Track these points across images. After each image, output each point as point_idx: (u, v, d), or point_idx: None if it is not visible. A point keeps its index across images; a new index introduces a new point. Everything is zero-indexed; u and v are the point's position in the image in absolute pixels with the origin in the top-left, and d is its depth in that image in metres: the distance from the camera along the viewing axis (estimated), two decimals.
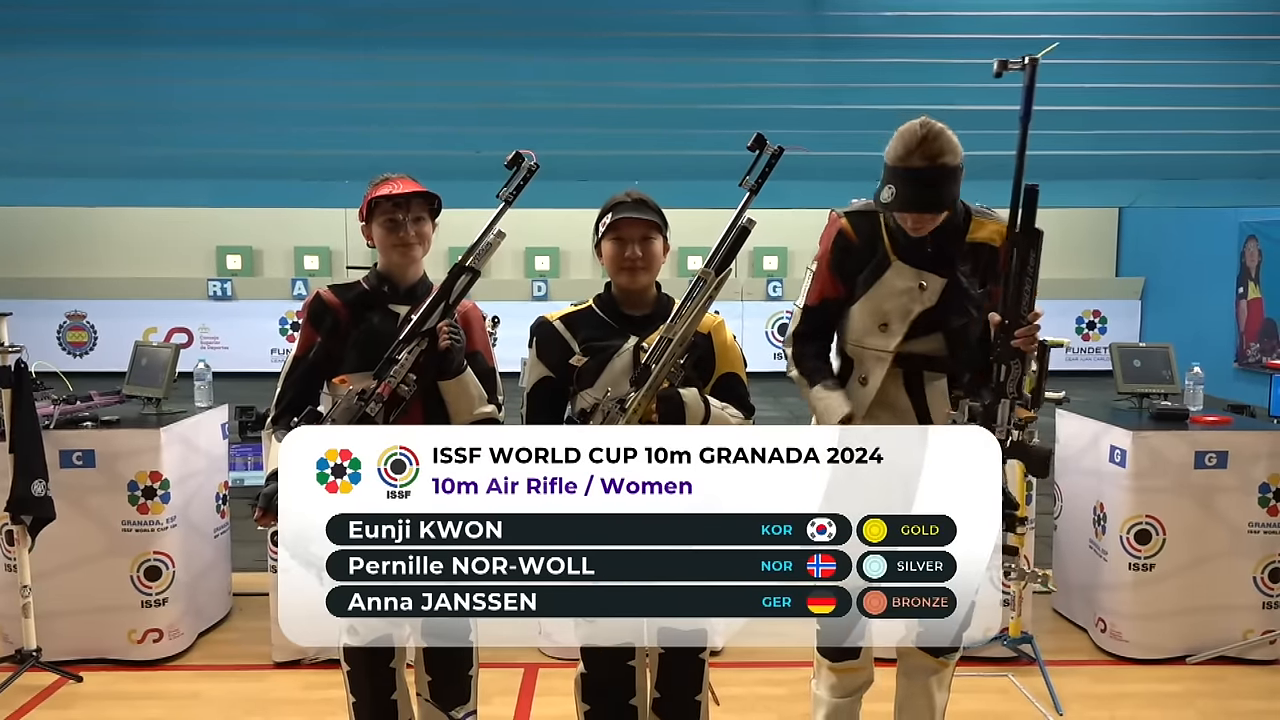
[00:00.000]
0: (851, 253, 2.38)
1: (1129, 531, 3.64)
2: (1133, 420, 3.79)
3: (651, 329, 2.29)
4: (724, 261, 2.19)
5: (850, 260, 2.38)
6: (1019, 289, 2.13)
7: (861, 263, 2.37)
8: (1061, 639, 3.88)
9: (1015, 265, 2.13)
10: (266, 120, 5.00)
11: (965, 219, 2.34)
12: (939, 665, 2.53)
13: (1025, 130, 2.14)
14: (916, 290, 2.33)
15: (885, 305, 2.35)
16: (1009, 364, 2.15)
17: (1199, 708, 3.34)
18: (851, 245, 2.38)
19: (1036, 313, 2.15)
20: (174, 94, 4.98)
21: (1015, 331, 2.13)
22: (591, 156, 4.96)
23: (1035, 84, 2.10)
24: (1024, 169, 2.13)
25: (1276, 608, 3.66)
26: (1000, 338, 2.15)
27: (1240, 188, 5.45)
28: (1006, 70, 2.13)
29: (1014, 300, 2.13)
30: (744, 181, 2.20)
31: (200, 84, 4.96)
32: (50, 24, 4.91)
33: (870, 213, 2.39)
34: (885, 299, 2.35)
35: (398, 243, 2.35)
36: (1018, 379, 2.16)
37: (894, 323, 2.34)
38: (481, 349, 2.46)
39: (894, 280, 2.34)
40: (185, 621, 3.75)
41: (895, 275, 2.34)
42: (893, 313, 2.34)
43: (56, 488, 3.41)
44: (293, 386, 2.37)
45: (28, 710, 3.30)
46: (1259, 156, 5.19)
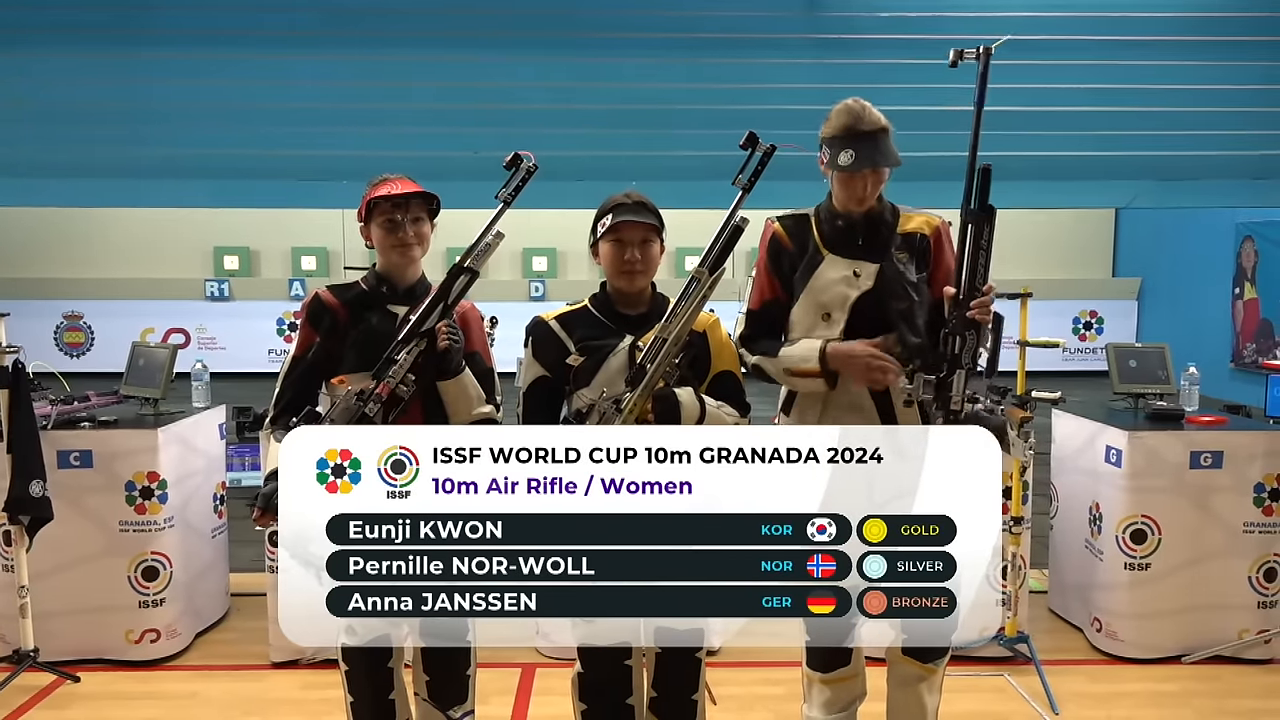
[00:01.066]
0: (785, 254, 2.47)
1: (1125, 531, 3.65)
2: (1128, 420, 3.80)
3: (647, 329, 2.29)
4: (717, 261, 2.21)
5: (785, 262, 2.47)
6: (974, 262, 2.21)
7: (795, 263, 2.46)
8: (1057, 638, 3.89)
9: (970, 240, 2.21)
10: (264, 121, 5.00)
11: (894, 215, 2.47)
12: (928, 672, 2.53)
13: (979, 115, 2.26)
14: (851, 277, 2.41)
15: (823, 297, 2.42)
16: (964, 335, 2.22)
17: (1195, 707, 3.35)
18: (784, 248, 2.47)
19: (990, 285, 2.23)
20: (172, 94, 4.98)
21: (971, 303, 2.20)
22: (589, 157, 4.96)
23: (989, 73, 2.24)
24: (977, 150, 2.25)
25: (1271, 607, 3.67)
26: (955, 310, 2.22)
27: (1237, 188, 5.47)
28: (962, 60, 2.27)
29: (969, 273, 2.21)
30: (736, 180, 2.21)
31: (198, 84, 4.97)
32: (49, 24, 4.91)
33: (800, 216, 2.50)
34: (822, 291, 2.42)
35: (396, 243, 2.35)
36: (972, 350, 2.23)
37: (834, 311, 2.41)
38: (480, 349, 2.47)
39: (828, 272, 2.43)
40: (183, 622, 3.75)
41: (829, 267, 2.43)
42: (832, 302, 2.42)
43: (54, 488, 3.40)
44: (291, 387, 2.37)
45: (25, 710, 3.30)
46: (1256, 157, 5.21)
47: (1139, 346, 4.28)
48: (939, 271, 2.44)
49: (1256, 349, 9.18)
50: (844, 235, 2.43)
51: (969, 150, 2.24)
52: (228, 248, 11.29)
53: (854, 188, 2.36)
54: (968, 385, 2.22)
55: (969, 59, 2.25)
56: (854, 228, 2.42)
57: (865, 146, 2.31)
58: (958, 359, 2.21)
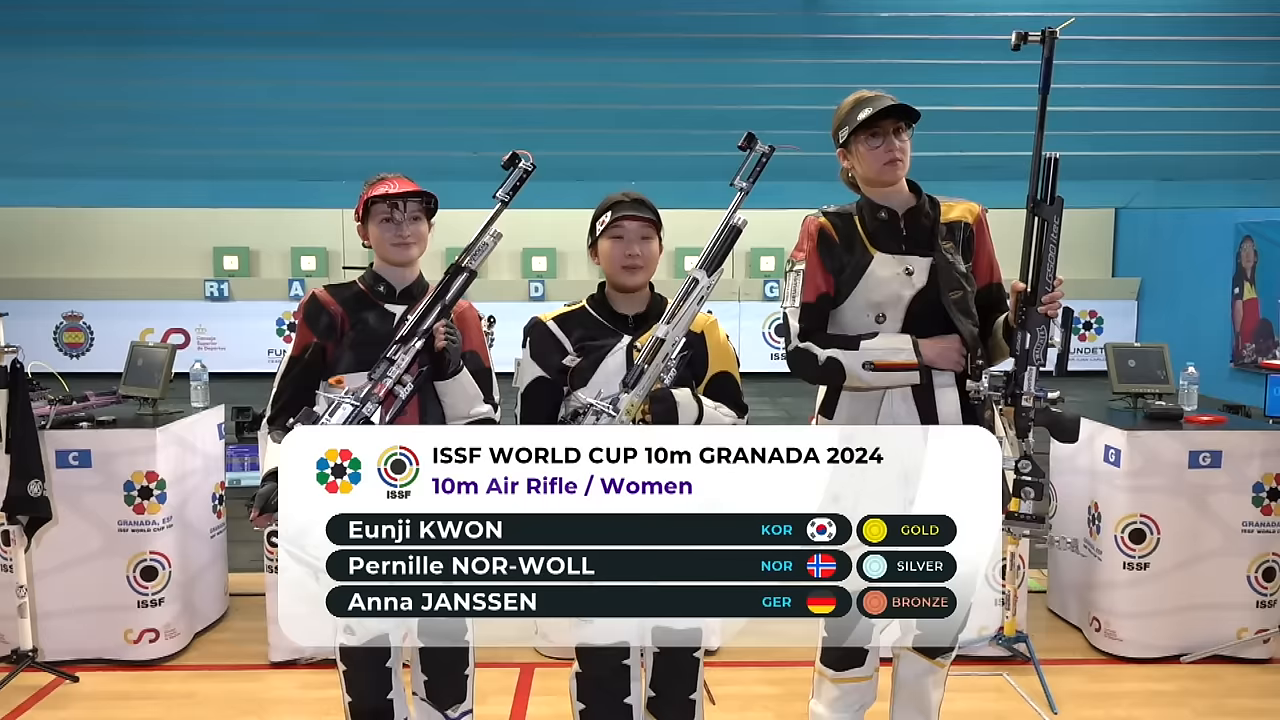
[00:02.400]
0: (834, 250, 2.40)
1: (1123, 531, 3.65)
2: (1127, 420, 3.80)
3: (645, 329, 2.29)
4: (715, 262, 2.20)
5: (832, 257, 2.40)
6: (1041, 256, 2.16)
7: (842, 261, 2.39)
8: (1056, 638, 3.89)
9: (1038, 233, 2.17)
10: (264, 121, 5.00)
11: (934, 205, 2.41)
12: (934, 666, 2.53)
13: (1044, 102, 2.20)
14: (903, 275, 2.36)
15: (875, 296, 2.36)
16: (1034, 331, 2.17)
17: (1193, 707, 3.35)
18: (834, 243, 2.40)
19: (1059, 279, 2.19)
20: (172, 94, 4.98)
21: (1042, 298, 2.16)
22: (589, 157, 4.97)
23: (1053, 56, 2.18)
24: (1043, 139, 2.19)
25: (1270, 607, 3.67)
26: (1025, 305, 2.18)
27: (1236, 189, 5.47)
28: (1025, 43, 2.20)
29: (1037, 267, 2.17)
30: (734, 181, 2.21)
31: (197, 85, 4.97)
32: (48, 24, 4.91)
33: (845, 213, 2.43)
34: (874, 290, 2.36)
35: (394, 242, 2.35)
36: (1043, 346, 2.18)
37: (889, 310, 2.36)
38: (477, 349, 2.46)
39: (879, 271, 2.36)
40: (181, 621, 3.75)
41: (879, 266, 2.36)
42: (886, 302, 2.36)
43: (53, 488, 3.41)
44: (289, 387, 2.37)
45: (24, 710, 3.30)
46: (1255, 157, 5.21)
47: (1138, 346, 4.28)
48: (982, 260, 2.41)
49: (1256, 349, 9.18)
50: (889, 229, 2.37)
51: (1035, 140, 2.18)
52: (227, 248, 11.28)
53: (879, 153, 2.31)
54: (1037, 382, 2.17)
55: (1033, 41, 2.19)
56: (897, 220, 2.37)
57: (886, 104, 2.29)
58: (1028, 355, 2.16)
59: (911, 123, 2.35)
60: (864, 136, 2.33)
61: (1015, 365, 2.18)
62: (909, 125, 2.35)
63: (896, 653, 2.57)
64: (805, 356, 2.38)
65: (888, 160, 2.32)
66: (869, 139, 2.33)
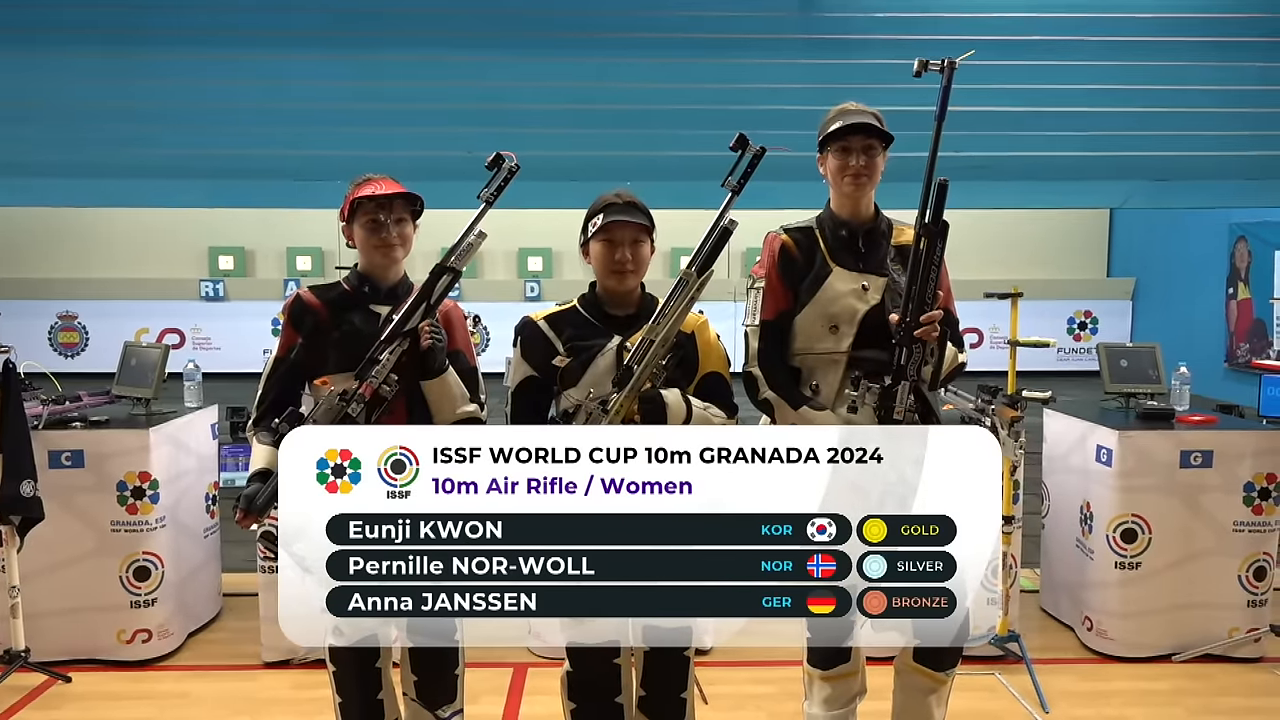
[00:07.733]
0: (794, 265, 2.47)
1: (1115, 530, 3.67)
2: (1119, 420, 3.82)
3: (635, 329, 2.30)
4: (706, 262, 2.22)
5: (792, 273, 2.47)
6: (925, 277, 2.22)
7: (802, 275, 2.46)
8: (1048, 637, 3.90)
9: (924, 255, 2.22)
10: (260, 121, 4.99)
11: (889, 227, 2.50)
12: (938, 683, 2.52)
13: (939, 128, 2.24)
14: (860, 291, 2.43)
15: (832, 309, 2.43)
16: (910, 348, 2.24)
17: (1185, 705, 3.37)
18: (794, 258, 2.47)
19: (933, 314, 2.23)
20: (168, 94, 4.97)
21: (920, 319, 2.22)
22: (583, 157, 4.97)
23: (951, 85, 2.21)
24: (935, 164, 2.22)
25: (1261, 606, 3.69)
26: (903, 325, 2.23)
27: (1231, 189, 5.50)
28: (926, 70, 2.23)
29: (921, 288, 2.22)
30: (726, 181, 2.22)
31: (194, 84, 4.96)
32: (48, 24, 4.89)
33: (805, 227, 2.51)
34: (831, 303, 2.43)
35: (379, 244, 2.35)
36: (918, 363, 2.25)
37: (843, 324, 2.42)
38: (463, 348, 2.46)
39: (837, 284, 2.43)
40: (175, 621, 3.74)
41: (837, 280, 2.44)
42: (840, 315, 2.42)
43: (45, 488, 3.39)
44: (274, 387, 2.37)
45: (16, 711, 3.29)
46: (1250, 158, 5.23)
47: (1130, 346, 4.30)
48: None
49: (1250, 349, 9.21)
50: (847, 245, 2.45)
51: (927, 163, 2.22)
52: (223, 248, 11.24)
53: (841, 166, 2.39)
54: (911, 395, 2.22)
55: (933, 69, 2.23)
56: (855, 237, 2.45)
57: (855, 118, 2.38)
58: (903, 369, 2.23)
59: (885, 144, 2.41)
60: (835, 148, 2.42)
61: (891, 379, 2.24)
62: (884, 145, 2.41)
63: (899, 667, 2.56)
64: (751, 383, 2.47)
65: (848, 174, 2.40)
66: (838, 151, 2.42)
